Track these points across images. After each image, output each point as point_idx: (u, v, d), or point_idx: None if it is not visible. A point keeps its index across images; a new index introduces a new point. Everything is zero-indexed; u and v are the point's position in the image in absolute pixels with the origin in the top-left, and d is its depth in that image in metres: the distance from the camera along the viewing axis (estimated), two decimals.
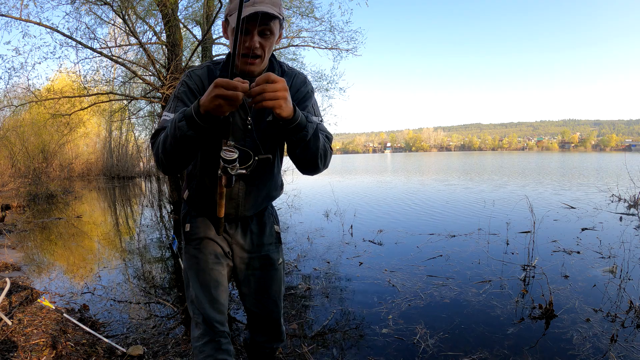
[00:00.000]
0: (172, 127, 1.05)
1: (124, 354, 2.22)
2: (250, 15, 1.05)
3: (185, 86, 1.23)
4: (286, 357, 2.21)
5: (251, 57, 1.14)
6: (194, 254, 1.36)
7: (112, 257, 4.78)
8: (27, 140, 13.71)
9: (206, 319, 1.30)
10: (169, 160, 1.12)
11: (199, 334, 1.30)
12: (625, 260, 3.66)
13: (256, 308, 1.46)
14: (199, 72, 1.26)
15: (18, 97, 9.83)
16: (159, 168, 1.20)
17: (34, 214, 8.37)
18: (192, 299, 1.34)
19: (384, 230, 5.60)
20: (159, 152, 1.14)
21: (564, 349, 2.21)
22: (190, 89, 1.23)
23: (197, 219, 1.39)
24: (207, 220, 1.39)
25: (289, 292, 3.26)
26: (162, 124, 1.19)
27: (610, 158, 38.20)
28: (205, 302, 1.31)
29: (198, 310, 1.32)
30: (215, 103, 0.95)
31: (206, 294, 1.32)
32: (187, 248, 1.39)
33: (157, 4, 7.14)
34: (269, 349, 1.57)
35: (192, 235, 1.38)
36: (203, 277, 1.34)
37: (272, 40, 1.16)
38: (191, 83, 1.23)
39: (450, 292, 3.14)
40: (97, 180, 19.81)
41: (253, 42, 1.12)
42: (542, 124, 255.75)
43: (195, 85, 1.24)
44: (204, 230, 1.37)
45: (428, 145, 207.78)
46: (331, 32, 8.79)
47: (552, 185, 11.75)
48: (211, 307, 1.31)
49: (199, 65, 1.29)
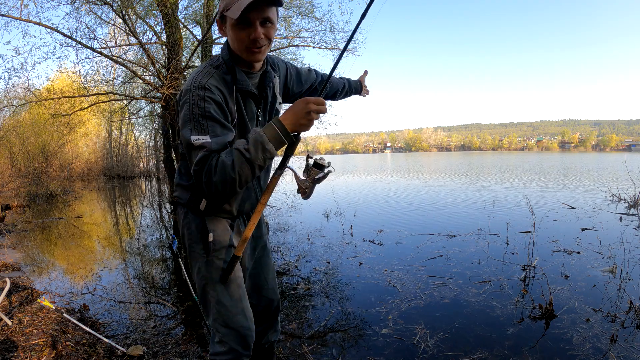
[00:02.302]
0: (257, 151, 1.09)
1: (124, 354, 2.22)
2: (251, 4, 1.06)
3: (211, 102, 1.13)
4: (286, 357, 2.21)
5: (257, 47, 1.16)
6: (219, 265, 1.29)
7: (112, 257, 4.78)
8: (27, 140, 13.71)
9: (239, 332, 1.28)
10: (242, 185, 1.12)
11: (222, 351, 1.28)
12: (625, 260, 3.66)
13: (257, 300, 1.48)
14: (212, 82, 1.15)
15: (18, 97, 9.82)
16: (221, 196, 1.13)
17: (34, 214, 8.38)
18: (219, 314, 1.28)
19: (384, 230, 5.60)
20: (231, 180, 1.08)
21: (564, 349, 2.21)
22: (218, 103, 1.14)
23: (217, 227, 1.32)
24: (225, 224, 1.34)
25: (289, 292, 3.26)
26: (203, 149, 1.09)
27: (610, 158, 38.19)
28: (238, 314, 1.29)
29: (228, 326, 1.28)
30: (309, 119, 1.13)
31: (239, 305, 1.30)
32: (209, 260, 1.29)
33: (157, 4, 7.14)
34: (269, 344, 1.57)
35: (216, 245, 1.30)
36: (233, 289, 1.30)
37: (274, 29, 1.18)
38: (215, 97, 1.14)
39: (450, 292, 3.14)
40: (97, 180, 19.81)
41: (258, 33, 1.13)
42: (542, 124, 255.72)
43: (220, 98, 1.15)
44: (226, 238, 1.32)
45: (428, 145, 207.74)
46: (331, 32, 8.78)
47: (552, 185, 11.75)
48: (244, 316, 1.30)
49: (204, 73, 1.17)
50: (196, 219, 1.31)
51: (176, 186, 1.39)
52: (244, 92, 1.23)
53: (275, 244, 4.96)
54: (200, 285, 1.32)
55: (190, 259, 1.36)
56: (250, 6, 1.06)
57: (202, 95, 1.12)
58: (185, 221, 1.34)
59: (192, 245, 1.32)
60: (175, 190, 1.40)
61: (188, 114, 1.12)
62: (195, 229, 1.31)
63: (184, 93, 1.15)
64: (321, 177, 1.24)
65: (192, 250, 1.32)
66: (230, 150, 1.11)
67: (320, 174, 1.24)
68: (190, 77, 1.20)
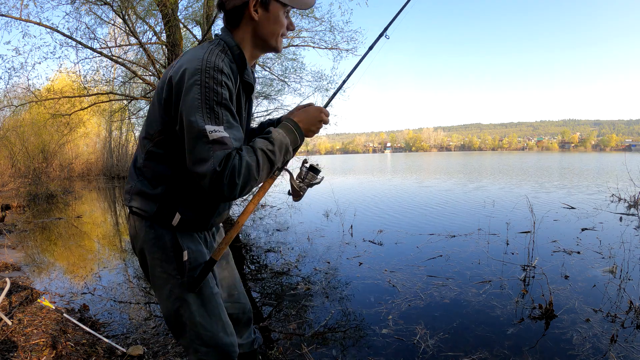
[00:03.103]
0: (282, 154, 1.08)
1: (124, 354, 2.22)
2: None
3: (227, 89, 0.99)
4: (286, 357, 2.21)
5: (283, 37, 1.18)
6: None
7: (112, 257, 4.78)
8: (27, 140, 13.71)
9: (222, 349, 1.18)
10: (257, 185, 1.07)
11: None
12: (625, 260, 3.66)
13: (232, 309, 1.38)
14: (226, 68, 1.01)
15: (18, 97, 9.83)
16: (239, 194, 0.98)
17: (34, 214, 8.37)
18: (198, 335, 1.15)
19: (384, 230, 5.60)
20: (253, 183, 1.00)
21: (564, 349, 2.21)
22: (231, 91, 1.02)
23: (190, 242, 1.17)
24: (195, 237, 1.20)
25: (289, 292, 3.26)
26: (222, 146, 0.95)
27: (610, 158, 38.20)
28: (219, 332, 1.18)
29: (208, 345, 1.16)
30: (319, 127, 1.18)
31: (218, 322, 1.18)
32: (184, 281, 1.12)
33: (157, 4, 7.15)
34: (250, 351, 1.48)
35: (191, 264, 1.14)
36: (211, 307, 1.17)
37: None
38: (230, 85, 1.01)
39: (450, 293, 3.14)
40: (97, 180, 19.81)
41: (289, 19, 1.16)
42: (542, 124, 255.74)
43: (232, 87, 1.03)
44: (200, 254, 1.18)
45: (428, 145, 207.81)
46: (331, 32, 8.80)
47: (552, 185, 11.75)
48: (225, 333, 1.19)
49: (216, 54, 1.02)
50: (167, 233, 1.12)
51: (135, 195, 1.13)
52: (245, 84, 1.15)
53: (275, 244, 4.96)
54: (173, 308, 1.14)
55: (155, 280, 1.16)
56: None
57: (219, 80, 0.97)
58: (150, 236, 1.13)
59: (161, 264, 1.13)
60: (132, 199, 1.14)
61: (200, 98, 0.95)
62: (167, 246, 1.12)
63: (193, 73, 0.97)
64: (317, 181, 1.28)
65: (161, 270, 1.13)
66: (250, 149, 1.01)
67: (317, 178, 1.27)
68: (192, 55, 1.03)
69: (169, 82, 1.02)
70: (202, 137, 0.94)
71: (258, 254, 4.60)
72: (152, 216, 1.11)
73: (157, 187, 1.10)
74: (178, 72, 1.00)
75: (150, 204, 1.11)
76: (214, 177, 0.93)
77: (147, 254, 1.15)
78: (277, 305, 3.00)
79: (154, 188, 1.11)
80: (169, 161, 1.09)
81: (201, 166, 0.94)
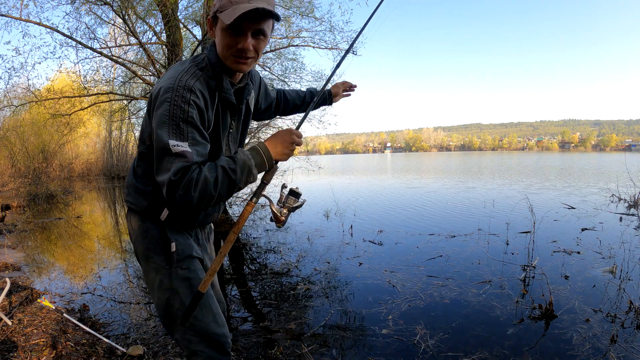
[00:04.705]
0: (244, 174, 1.08)
1: (124, 354, 2.22)
2: (246, 14, 1.01)
3: (195, 107, 1.05)
4: (286, 357, 2.21)
5: (243, 58, 1.10)
6: (184, 275, 1.21)
7: (112, 257, 4.78)
8: (27, 140, 13.71)
9: (213, 339, 1.21)
10: (216, 204, 1.10)
11: None
12: (625, 260, 3.66)
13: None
14: (198, 85, 1.07)
15: (18, 97, 9.81)
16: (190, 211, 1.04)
17: (34, 214, 8.37)
18: (190, 326, 1.19)
19: (384, 230, 5.60)
20: (209, 197, 1.03)
21: (564, 349, 2.21)
22: (201, 110, 1.07)
23: (178, 236, 1.24)
24: (186, 235, 1.28)
25: (289, 292, 3.26)
26: (182, 158, 1.01)
27: (610, 158, 38.19)
28: (210, 322, 1.21)
29: (201, 335, 1.20)
30: (292, 149, 1.17)
31: (209, 312, 1.22)
32: (173, 271, 1.20)
33: (157, 4, 7.14)
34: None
35: (179, 255, 1.21)
36: (203, 299, 1.21)
37: (265, 42, 1.12)
38: (199, 103, 1.06)
39: (450, 293, 3.14)
40: (97, 180, 19.81)
41: (247, 44, 1.07)
42: (542, 124, 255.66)
43: (202, 105, 1.07)
44: (188, 247, 1.25)
45: (428, 145, 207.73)
46: (331, 32, 8.77)
47: (552, 185, 11.75)
48: (216, 324, 1.23)
49: (190, 74, 1.08)
50: (155, 227, 1.22)
51: (130, 189, 1.26)
52: (225, 101, 1.17)
53: (275, 244, 4.96)
54: (163, 299, 1.20)
55: (147, 272, 1.24)
56: (245, 15, 1.01)
57: (187, 98, 1.03)
58: (142, 229, 1.23)
59: (151, 256, 1.22)
60: (129, 194, 1.26)
61: (167, 114, 1.02)
62: (155, 238, 1.21)
63: (165, 90, 1.04)
64: (299, 205, 1.23)
65: (151, 262, 1.22)
66: (213, 165, 1.06)
67: (297, 202, 1.23)
68: (171, 73, 1.09)
69: (151, 96, 1.11)
70: (166, 150, 1.01)
71: (258, 254, 4.60)
72: (143, 210, 1.22)
73: (148, 185, 1.21)
74: (156, 88, 1.09)
75: (142, 199, 1.22)
76: (170, 186, 1.00)
77: (138, 247, 1.25)
78: (277, 305, 3.00)
79: (145, 185, 1.22)
80: None
81: (161, 176, 1.03)
